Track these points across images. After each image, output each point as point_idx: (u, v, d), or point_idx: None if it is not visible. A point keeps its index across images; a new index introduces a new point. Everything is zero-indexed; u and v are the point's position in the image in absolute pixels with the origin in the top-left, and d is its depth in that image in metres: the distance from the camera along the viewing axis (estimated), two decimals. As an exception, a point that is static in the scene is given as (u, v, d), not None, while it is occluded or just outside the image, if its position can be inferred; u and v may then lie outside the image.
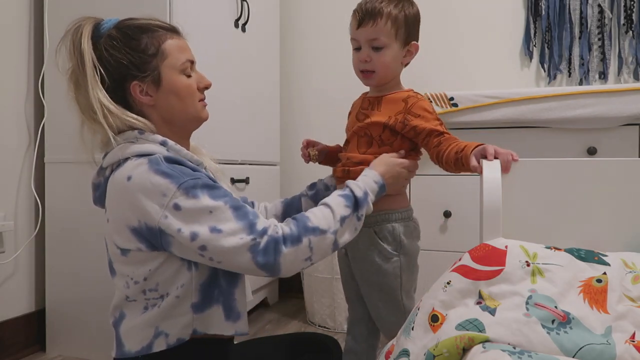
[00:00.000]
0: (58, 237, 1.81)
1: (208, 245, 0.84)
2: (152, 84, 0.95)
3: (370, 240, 1.11)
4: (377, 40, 1.07)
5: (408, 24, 1.09)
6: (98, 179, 0.99)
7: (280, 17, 2.55)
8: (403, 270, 1.11)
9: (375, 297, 1.14)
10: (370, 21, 1.06)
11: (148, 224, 0.86)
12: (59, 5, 1.80)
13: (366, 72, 1.11)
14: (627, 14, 2.14)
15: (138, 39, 0.94)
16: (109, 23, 0.96)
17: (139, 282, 0.90)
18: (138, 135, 0.93)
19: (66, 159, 1.79)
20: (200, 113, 1.02)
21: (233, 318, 0.94)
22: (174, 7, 1.65)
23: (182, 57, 0.97)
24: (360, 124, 1.13)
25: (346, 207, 0.95)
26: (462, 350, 0.65)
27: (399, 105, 1.10)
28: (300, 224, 0.90)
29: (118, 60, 0.93)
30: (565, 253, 0.79)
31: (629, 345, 0.63)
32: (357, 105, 1.20)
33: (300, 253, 0.88)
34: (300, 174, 2.61)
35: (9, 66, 1.79)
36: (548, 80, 2.26)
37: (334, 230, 0.92)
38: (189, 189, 0.85)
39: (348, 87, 2.60)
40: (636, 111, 1.68)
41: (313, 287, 2.16)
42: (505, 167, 0.91)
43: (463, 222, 1.89)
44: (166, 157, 0.89)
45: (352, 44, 1.13)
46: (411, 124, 1.08)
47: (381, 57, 1.09)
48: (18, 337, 1.79)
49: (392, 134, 1.10)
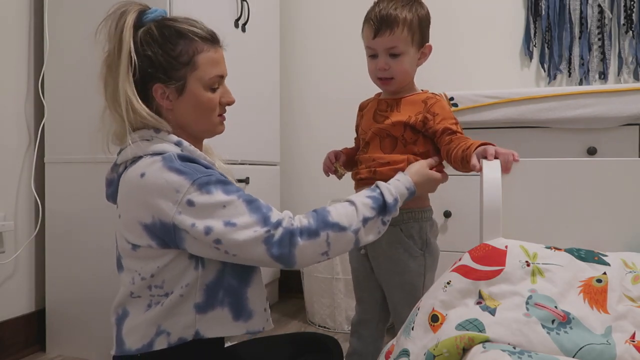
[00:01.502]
0: (58, 237, 1.81)
1: (223, 239, 0.84)
2: (175, 91, 0.95)
3: (396, 238, 1.11)
4: (395, 48, 1.08)
5: (422, 27, 1.10)
6: (112, 175, 0.99)
7: (280, 17, 2.55)
8: (427, 269, 1.12)
9: (397, 297, 1.14)
10: (387, 30, 1.06)
11: (162, 220, 0.86)
12: (59, 5, 1.80)
13: (385, 80, 1.12)
14: (627, 14, 2.14)
15: (174, 43, 0.94)
16: (153, 14, 0.96)
17: (145, 278, 0.90)
18: (154, 134, 0.94)
19: (66, 159, 1.79)
20: (215, 127, 1.02)
21: (244, 317, 0.93)
22: (174, 7, 1.65)
23: (213, 72, 0.97)
24: (381, 125, 1.13)
25: (372, 208, 0.93)
26: (462, 350, 0.65)
27: (419, 106, 1.12)
28: (319, 218, 0.89)
29: (149, 58, 0.93)
30: (565, 253, 0.79)
31: (629, 345, 0.63)
32: (372, 108, 1.19)
33: (317, 247, 0.88)
34: (300, 174, 2.62)
35: (9, 66, 1.79)
36: (548, 80, 2.26)
37: (355, 229, 0.91)
38: (203, 185, 0.85)
39: (348, 87, 2.61)
40: (636, 111, 1.68)
41: (313, 287, 2.16)
42: (506, 167, 0.92)
43: (463, 222, 1.89)
44: (180, 155, 0.90)
45: (367, 52, 1.12)
46: (429, 123, 1.09)
47: (400, 65, 1.09)
48: (18, 337, 1.79)
49: (413, 133, 1.11)
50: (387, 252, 1.12)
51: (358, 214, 0.92)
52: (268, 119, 2.40)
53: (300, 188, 2.61)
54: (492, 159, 0.93)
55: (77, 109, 1.77)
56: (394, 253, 1.12)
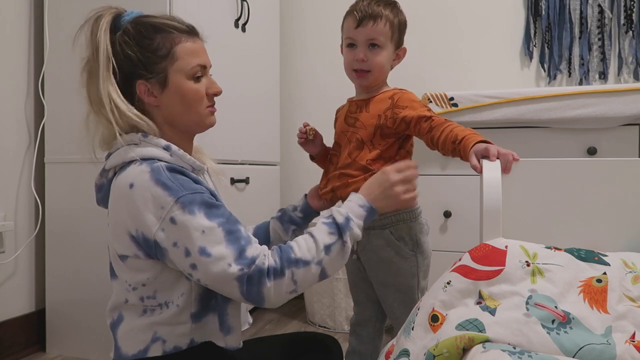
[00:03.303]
0: (58, 237, 1.81)
1: (198, 265, 0.83)
2: (158, 85, 0.94)
3: (386, 241, 1.11)
4: (376, 40, 1.09)
5: (401, 29, 1.13)
6: (101, 180, 0.98)
7: (280, 17, 2.55)
8: (419, 268, 1.12)
9: (391, 298, 1.14)
10: (371, 21, 1.08)
11: (145, 235, 0.86)
12: (59, 5, 1.80)
13: (361, 72, 1.12)
14: (627, 14, 2.14)
15: (151, 38, 0.93)
16: (129, 16, 0.95)
17: (137, 289, 0.90)
18: (142, 138, 0.92)
19: (66, 159, 1.79)
20: (204, 119, 1.00)
21: (224, 331, 0.93)
22: (174, 7, 1.65)
23: (193, 61, 0.95)
24: (353, 128, 1.14)
25: (330, 234, 0.91)
26: (462, 350, 0.65)
27: (386, 103, 1.12)
28: (284, 256, 0.87)
29: (128, 56, 0.93)
30: (565, 253, 0.79)
31: (629, 345, 0.63)
32: (344, 110, 1.20)
33: (284, 286, 0.86)
34: (300, 174, 2.61)
35: (9, 66, 1.79)
36: (548, 80, 2.26)
37: (319, 261, 0.89)
38: (186, 204, 0.84)
39: (348, 87, 2.60)
40: (636, 111, 1.68)
41: (313, 287, 2.16)
42: (506, 167, 0.91)
43: (463, 222, 1.89)
44: (168, 167, 0.88)
45: (346, 42, 1.14)
46: (400, 116, 1.08)
47: (377, 57, 1.10)
48: (18, 337, 1.79)
49: (382, 137, 1.11)
50: (378, 254, 1.13)
51: (318, 244, 0.89)
52: (268, 118, 2.40)
53: (300, 188, 2.61)
54: (495, 159, 0.92)
55: (77, 109, 1.76)
56: (385, 256, 1.12)
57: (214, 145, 1.13)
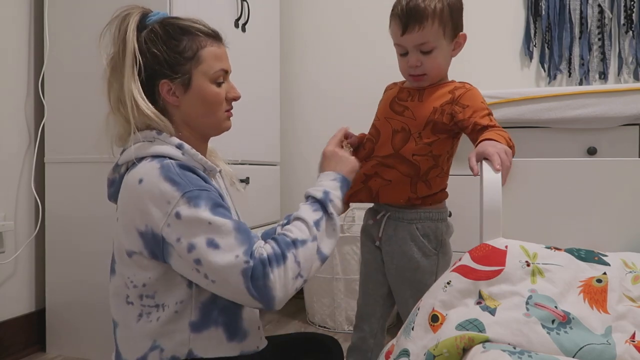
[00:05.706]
0: (58, 237, 1.81)
1: (203, 260, 0.82)
2: (181, 86, 0.96)
3: (410, 236, 1.10)
4: (426, 44, 1.01)
5: (453, 17, 1.02)
6: (113, 175, 0.99)
7: (281, 17, 2.55)
8: (440, 269, 1.11)
9: (406, 294, 1.13)
10: (416, 25, 0.99)
11: (153, 231, 0.86)
12: (59, 5, 1.80)
13: (417, 76, 1.06)
14: (627, 14, 2.14)
15: (178, 39, 0.95)
16: (156, 16, 0.97)
17: (137, 286, 0.90)
18: (156, 136, 0.94)
19: (66, 159, 1.79)
20: (222, 123, 1.02)
21: (239, 338, 0.93)
22: (174, 7, 1.65)
23: (217, 65, 0.97)
24: (400, 117, 1.08)
25: (314, 211, 0.94)
26: (462, 350, 0.65)
27: (445, 97, 1.05)
28: (281, 241, 0.87)
29: (154, 55, 0.94)
30: (565, 253, 0.79)
31: (629, 345, 0.63)
32: (392, 94, 1.12)
33: (289, 271, 0.85)
34: (300, 174, 2.61)
35: (9, 66, 1.79)
36: (548, 80, 2.26)
37: (314, 237, 0.90)
38: (192, 198, 0.84)
39: (348, 87, 2.61)
40: (636, 111, 1.68)
41: (313, 287, 2.16)
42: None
43: (463, 222, 1.88)
44: (179, 164, 0.89)
45: (397, 50, 1.06)
46: (459, 116, 1.02)
47: (432, 61, 1.03)
48: (18, 337, 1.79)
49: (433, 132, 1.05)
50: (401, 247, 1.11)
51: (307, 223, 0.91)
52: (268, 119, 2.40)
53: (300, 188, 2.61)
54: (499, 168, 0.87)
55: (77, 109, 1.77)
56: (408, 250, 1.10)
57: (214, 145, 1.13)
